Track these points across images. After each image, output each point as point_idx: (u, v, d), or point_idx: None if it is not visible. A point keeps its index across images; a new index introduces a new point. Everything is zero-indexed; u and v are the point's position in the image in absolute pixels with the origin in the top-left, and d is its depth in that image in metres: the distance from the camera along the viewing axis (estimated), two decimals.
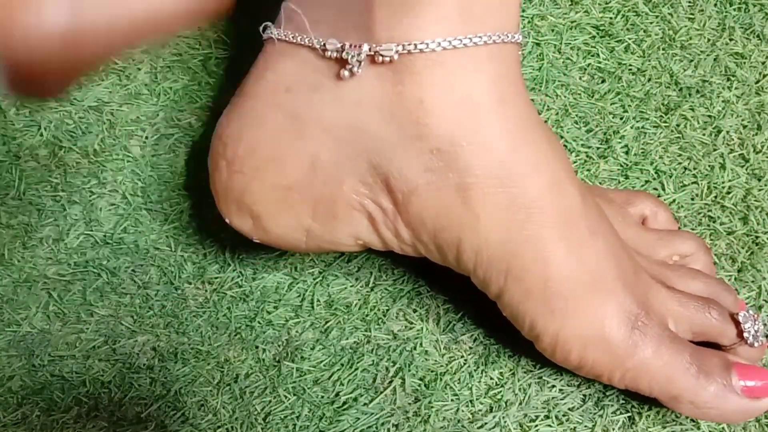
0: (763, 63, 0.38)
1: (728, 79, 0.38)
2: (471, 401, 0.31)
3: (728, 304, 0.30)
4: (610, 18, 0.39)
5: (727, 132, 0.37)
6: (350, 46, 0.26)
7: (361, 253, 0.34)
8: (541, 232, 0.28)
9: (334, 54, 0.27)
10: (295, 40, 0.28)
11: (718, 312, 0.29)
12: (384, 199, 0.28)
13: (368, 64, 0.26)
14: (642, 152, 0.36)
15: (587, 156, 0.36)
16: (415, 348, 0.32)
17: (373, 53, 0.26)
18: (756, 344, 0.29)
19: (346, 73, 0.26)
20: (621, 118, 0.37)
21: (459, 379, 0.32)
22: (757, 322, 0.29)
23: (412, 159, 0.27)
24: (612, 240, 0.29)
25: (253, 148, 0.29)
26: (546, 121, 0.37)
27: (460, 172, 0.27)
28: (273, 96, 0.29)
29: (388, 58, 0.26)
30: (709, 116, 0.37)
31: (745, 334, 0.29)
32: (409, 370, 0.32)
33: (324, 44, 0.27)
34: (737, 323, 0.29)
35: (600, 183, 0.36)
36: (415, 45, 0.26)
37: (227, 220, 0.31)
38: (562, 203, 0.28)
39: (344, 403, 0.31)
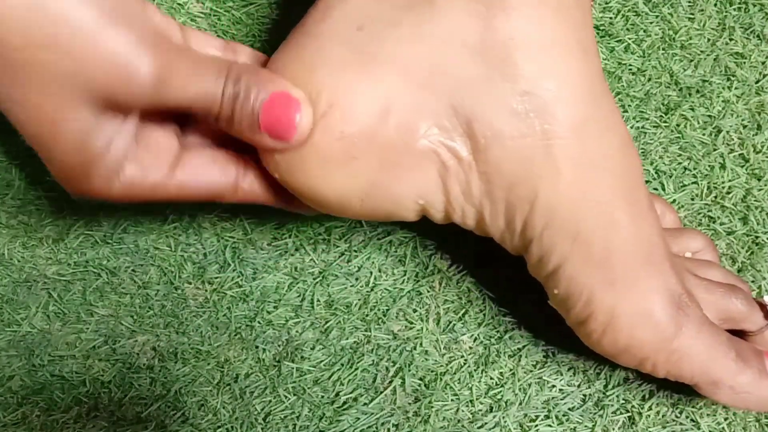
0: (763, 63, 0.38)
1: (728, 79, 0.38)
2: (471, 401, 0.31)
3: (746, 292, 0.30)
4: (610, 18, 0.39)
5: (727, 132, 0.37)
6: None
7: (361, 253, 0.34)
8: (612, 195, 0.27)
9: None
10: None
11: (744, 297, 0.29)
12: (462, 146, 0.26)
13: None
14: (642, 152, 0.36)
15: None
16: (415, 348, 0.32)
17: None
18: None
19: None
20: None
21: (459, 379, 0.32)
22: None
23: (498, 101, 0.26)
24: (657, 217, 0.28)
25: (318, 91, 0.26)
26: None
27: (547, 118, 0.25)
28: (342, 35, 0.26)
29: None
30: (709, 116, 0.37)
31: None
32: (409, 370, 0.32)
33: None
34: (763, 306, 0.29)
35: None
36: None
37: (276, 161, 0.27)
38: (631, 168, 0.27)
39: (344, 403, 0.31)
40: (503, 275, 0.33)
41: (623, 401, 0.32)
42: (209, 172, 0.27)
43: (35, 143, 0.25)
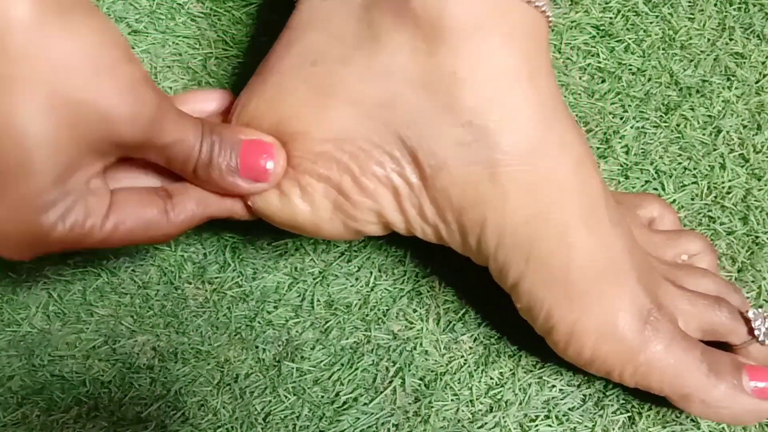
0: (763, 63, 0.38)
1: (728, 79, 0.38)
2: (471, 401, 0.31)
3: (736, 303, 0.30)
4: (610, 18, 0.39)
5: (727, 132, 0.37)
6: None
7: (361, 252, 0.34)
8: (566, 217, 0.27)
9: None
10: None
11: (728, 310, 0.29)
12: (411, 174, 0.28)
13: (401, 36, 0.26)
14: (642, 152, 0.36)
15: None
16: (415, 348, 0.32)
17: None
18: (767, 342, 0.29)
19: None
20: (621, 118, 0.37)
21: (459, 379, 0.32)
22: (767, 320, 0.29)
23: (442, 132, 0.27)
24: (628, 232, 0.29)
25: (278, 122, 0.28)
26: None
27: (490, 147, 0.26)
28: (298, 70, 0.28)
29: None
30: (709, 116, 0.37)
31: (756, 332, 0.29)
32: (409, 370, 0.32)
33: None
34: (747, 321, 0.29)
35: None
36: None
37: (250, 203, 0.29)
38: (587, 187, 0.27)
39: (344, 403, 0.31)
40: None
41: (623, 401, 0.32)
42: (138, 207, 0.27)
43: None
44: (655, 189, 0.35)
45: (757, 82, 0.38)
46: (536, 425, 0.31)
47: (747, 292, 0.33)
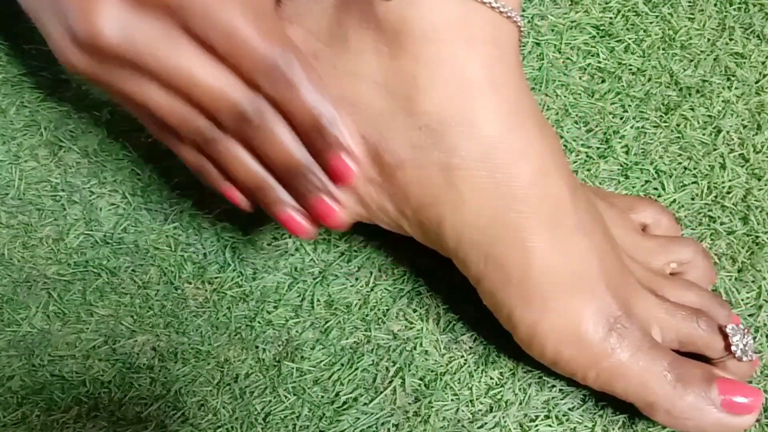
0: (763, 63, 0.38)
1: (728, 79, 0.38)
2: (471, 401, 0.31)
3: (721, 318, 0.30)
4: (610, 18, 0.39)
5: (727, 132, 0.37)
6: None
7: (361, 252, 0.34)
8: (524, 222, 0.27)
9: None
10: None
11: (707, 323, 0.29)
12: (371, 170, 0.28)
13: (365, 38, 0.27)
14: (642, 152, 0.36)
15: (587, 156, 0.36)
16: (415, 348, 0.32)
17: None
18: (744, 358, 0.29)
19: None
20: (621, 118, 0.37)
21: (459, 379, 0.32)
22: (746, 337, 0.29)
23: (400, 133, 0.27)
24: (600, 239, 0.29)
25: None
26: None
27: (447, 151, 0.27)
28: None
29: None
30: (709, 116, 0.37)
31: (733, 348, 0.29)
32: (409, 370, 0.32)
33: None
34: (725, 336, 0.29)
35: (600, 183, 0.36)
36: None
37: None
38: (549, 195, 0.28)
39: (344, 403, 0.31)
40: None
41: (623, 401, 0.32)
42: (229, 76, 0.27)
43: None
44: (655, 189, 0.35)
45: (757, 82, 0.38)
46: (536, 425, 0.31)
47: (747, 293, 0.33)
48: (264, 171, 0.28)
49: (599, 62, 0.38)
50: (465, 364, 0.32)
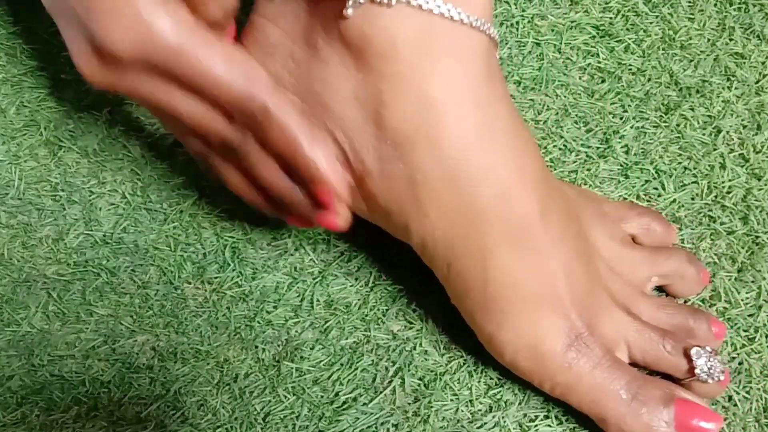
0: (763, 63, 0.38)
1: (728, 79, 0.38)
2: (471, 401, 0.31)
3: (700, 333, 0.30)
4: (610, 18, 0.39)
5: (727, 132, 0.37)
6: None
7: (361, 252, 0.34)
8: (485, 241, 0.28)
9: None
10: None
11: (672, 346, 0.29)
12: (344, 173, 0.29)
13: (333, 50, 0.27)
14: (642, 152, 0.36)
15: (587, 156, 0.36)
16: (414, 348, 0.32)
17: None
18: (710, 381, 0.29)
19: (349, 11, 0.25)
20: (621, 118, 0.37)
21: (459, 379, 0.32)
22: (711, 360, 0.29)
23: (369, 143, 0.27)
24: (570, 256, 0.29)
25: None
26: (546, 121, 0.37)
27: (411, 167, 0.27)
28: (259, 54, 0.28)
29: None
30: (709, 116, 0.37)
31: (697, 371, 0.29)
32: (409, 370, 0.32)
33: None
34: (689, 359, 0.29)
35: (600, 183, 0.36)
36: None
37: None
38: (512, 215, 0.28)
39: (344, 403, 0.31)
40: None
41: None
42: (253, 61, 0.27)
43: None
44: (655, 189, 0.35)
45: (757, 82, 0.38)
46: (536, 425, 0.31)
47: (747, 293, 0.33)
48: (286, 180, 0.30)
49: (599, 62, 0.38)
50: (464, 364, 0.32)
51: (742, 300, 0.33)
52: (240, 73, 0.26)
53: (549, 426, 0.31)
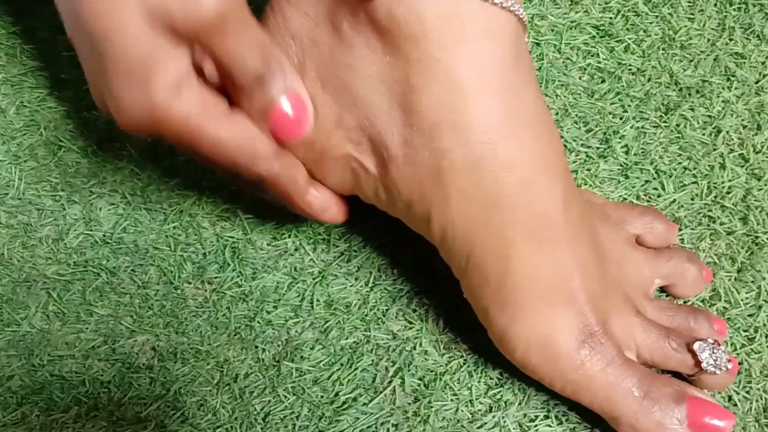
0: (763, 63, 0.38)
1: (728, 79, 0.38)
2: (470, 401, 0.31)
3: (702, 332, 0.30)
4: (610, 18, 0.39)
5: (727, 132, 0.37)
6: None
7: (361, 252, 0.34)
8: (507, 231, 0.27)
9: None
10: None
11: (676, 342, 0.29)
12: (368, 159, 0.28)
13: (359, 34, 0.26)
14: (642, 152, 0.36)
15: (587, 156, 0.36)
16: (414, 348, 0.32)
17: None
18: (718, 372, 0.29)
19: None
20: (621, 118, 0.37)
21: (459, 379, 0.32)
22: (716, 351, 0.29)
23: (395, 129, 0.27)
24: (587, 254, 0.29)
25: None
26: None
27: (437, 153, 0.27)
28: (279, 39, 0.28)
29: None
30: (709, 116, 0.37)
31: (703, 364, 0.29)
32: (409, 370, 0.32)
33: None
34: (693, 353, 0.29)
35: (600, 183, 0.36)
36: None
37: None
38: (535, 206, 0.27)
39: (344, 403, 0.31)
40: None
41: None
42: (256, 131, 0.27)
43: (102, 41, 0.24)
44: (655, 189, 0.35)
45: (757, 82, 0.38)
46: (536, 425, 0.31)
47: (746, 293, 0.33)
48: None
49: (599, 62, 0.38)
50: (464, 364, 0.32)
51: (742, 300, 0.33)
52: (246, 144, 0.27)
53: (549, 426, 0.31)
